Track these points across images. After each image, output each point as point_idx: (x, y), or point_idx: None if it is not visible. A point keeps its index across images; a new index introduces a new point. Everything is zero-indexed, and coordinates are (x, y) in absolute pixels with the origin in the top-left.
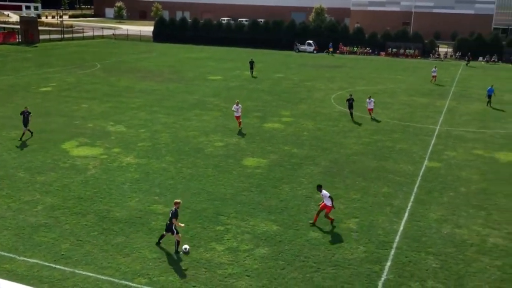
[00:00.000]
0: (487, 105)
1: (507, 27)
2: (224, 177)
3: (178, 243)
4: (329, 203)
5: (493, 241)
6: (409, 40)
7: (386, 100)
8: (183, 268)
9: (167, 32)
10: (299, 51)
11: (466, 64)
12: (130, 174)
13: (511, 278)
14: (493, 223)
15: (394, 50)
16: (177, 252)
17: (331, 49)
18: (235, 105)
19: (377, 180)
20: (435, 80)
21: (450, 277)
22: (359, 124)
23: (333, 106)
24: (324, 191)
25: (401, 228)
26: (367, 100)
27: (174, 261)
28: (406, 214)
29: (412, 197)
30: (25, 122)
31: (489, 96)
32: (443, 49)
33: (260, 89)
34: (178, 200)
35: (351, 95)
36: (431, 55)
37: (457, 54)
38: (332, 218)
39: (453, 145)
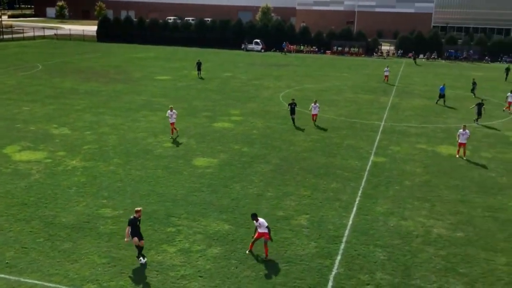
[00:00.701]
0: (436, 102)
1: (445, 25)
2: (174, 178)
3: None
4: (266, 231)
5: (437, 231)
6: (353, 38)
7: (332, 97)
8: (134, 272)
9: (111, 31)
10: (247, 50)
11: (415, 63)
12: (76, 178)
13: (455, 267)
14: (436, 214)
15: (339, 48)
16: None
17: (285, 49)
18: (169, 111)
19: (326, 176)
20: (387, 80)
21: (398, 268)
22: (306, 124)
23: (281, 104)
24: (260, 220)
25: (350, 222)
26: (312, 105)
27: (125, 265)
28: (355, 209)
29: (360, 192)
30: None
31: (443, 95)
32: (385, 47)
33: (208, 88)
34: (138, 208)
35: (293, 99)
36: (374, 53)
37: (399, 51)
38: (268, 249)
39: (397, 140)
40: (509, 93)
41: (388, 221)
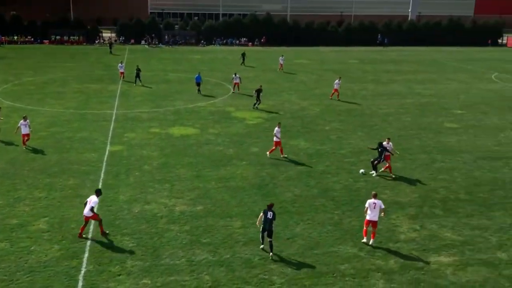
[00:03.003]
0: (198, 92)
1: (161, 11)
2: None
3: None
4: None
5: (180, 209)
6: (72, 27)
7: (58, 89)
8: None
9: None
10: None
11: (111, 52)
12: None
13: (199, 239)
14: (177, 193)
15: (58, 37)
16: None
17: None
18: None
19: (61, 174)
20: (282, 68)
21: (147, 252)
22: (34, 118)
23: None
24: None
25: None
26: (21, 121)
27: None
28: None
29: (100, 184)
30: None
31: (198, 84)
32: (107, 34)
33: None
34: None
35: None
36: (96, 41)
37: (121, 38)
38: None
39: (132, 127)
40: (337, 80)
41: (132, 208)
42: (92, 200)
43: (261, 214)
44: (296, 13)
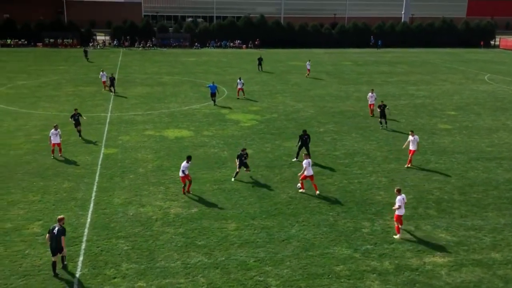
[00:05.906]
0: (214, 104)
1: (155, 14)
2: None
3: (63, 258)
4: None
5: (174, 211)
6: (65, 29)
7: (51, 93)
8: None
9: None
10: None
11: (87, 60)
12: None
13: (194, 241)
14: (171, 195)
15: (52, 40)
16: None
17: None
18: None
19: (56, 177)
20: (309, 74)
21: (142, 255)
22: (27, 121)
23: None
24: None
25: (89, 220)
26: None
27: None
28: (92, 205)
29: (95, 187)
30: None
31: (213, 94)
32: (101, 37)
33: None
34: (62, 216)
35: None
36: (90, 44)
37: (115, 41)
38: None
39: (126, 130)
40: (370, 93)
41: (127, 211)
42: (183, 165)
43: (237, 159)
44: (289, 15)
